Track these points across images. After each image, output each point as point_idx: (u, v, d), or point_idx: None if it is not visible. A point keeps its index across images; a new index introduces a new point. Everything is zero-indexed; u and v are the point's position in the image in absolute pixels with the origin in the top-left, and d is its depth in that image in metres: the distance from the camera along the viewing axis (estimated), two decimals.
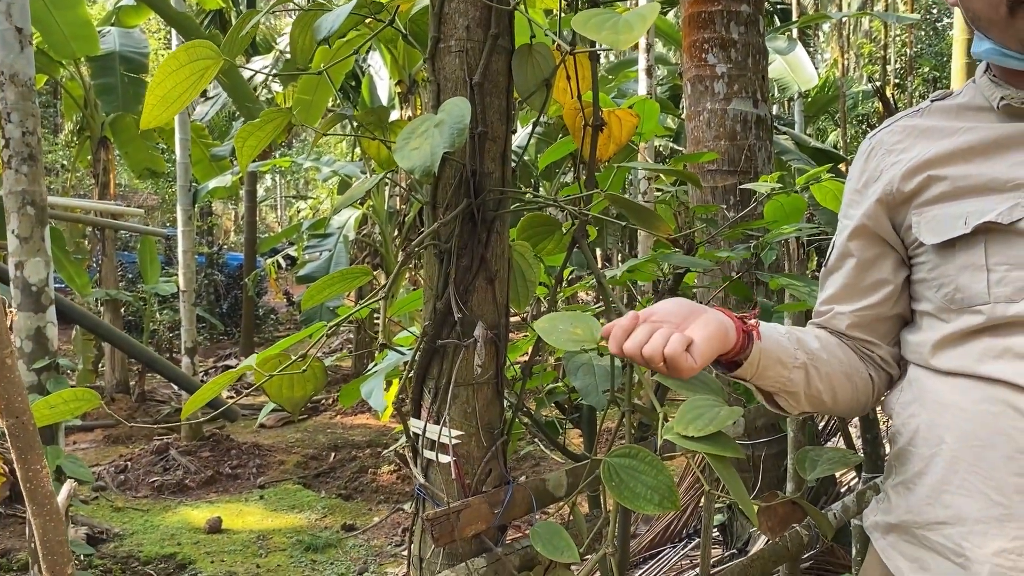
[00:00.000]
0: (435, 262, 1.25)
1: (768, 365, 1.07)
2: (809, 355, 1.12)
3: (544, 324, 1.06)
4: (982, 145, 1.06)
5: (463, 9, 1.22)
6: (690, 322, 1.00)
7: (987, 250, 1.01)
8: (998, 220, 1.00)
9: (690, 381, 1.05)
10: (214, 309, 12.39)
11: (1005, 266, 1.00)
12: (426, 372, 1.27)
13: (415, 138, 1.13)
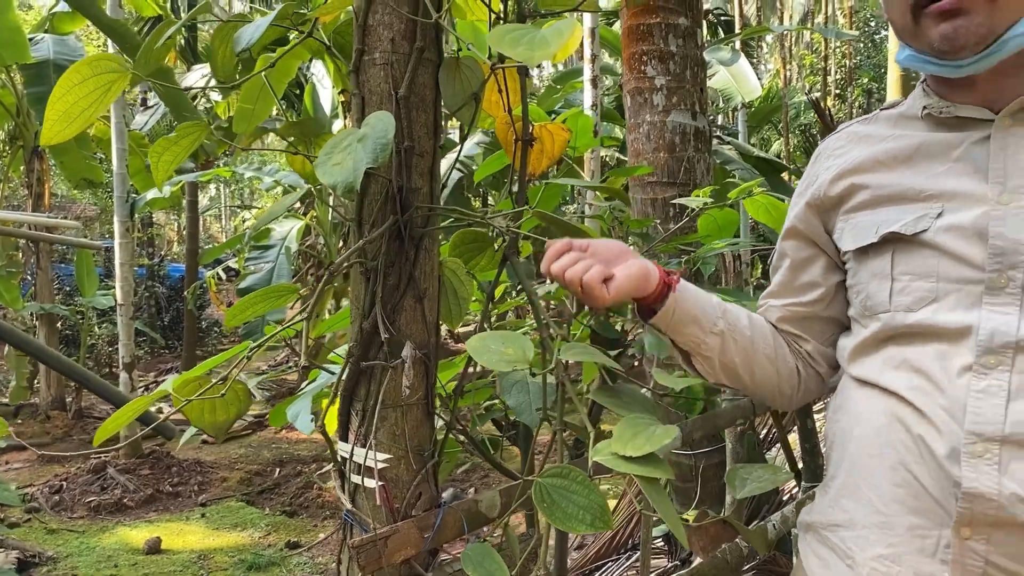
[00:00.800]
0: (361, 280, 1.22)
1: (684, 321, 1.12)
2: (730, 326, 1.16)
3: (475, 344, 1.04)
4: (903, 154, 1.08)
5: (388, 21, 1.19)
6: (618, 262, 1.06)
7: (893, 259, 1.03)
8: (902, 231, 1.02)
9: (624, 399, 1.04)
10: (155, 322, 12.12)
11: (908, 276, 1.02)
12: (353, 394, 1.23)
13: (337, 153, 1.09)
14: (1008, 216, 0.95)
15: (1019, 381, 0.92)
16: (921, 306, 1.00)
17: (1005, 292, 0.94)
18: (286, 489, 6.32)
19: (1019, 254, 0.94)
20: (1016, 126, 0.99)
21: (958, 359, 0.96)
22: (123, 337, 6.14)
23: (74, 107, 0.94)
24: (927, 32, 1.00)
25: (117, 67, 0.95)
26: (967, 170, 1.01)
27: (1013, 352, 0.92)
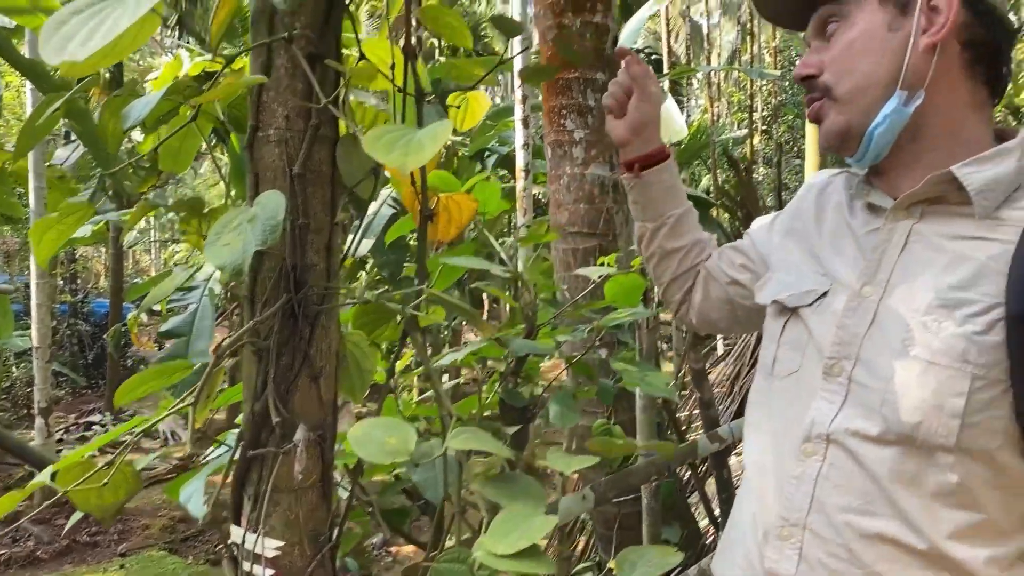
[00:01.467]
0: (253, 361, 1.19)
1: (652, 195, 1.34)
2: (690, 212, 1.38)
3: (358, 433, 1.02)
4: (832, 228, 1.13)
5: (282, 99, 1.17)
6: (633, 126, 1.33)
7: (785, 326, 1.08)
8: (786, 302, 1.07)
9: (511, 488, 1.03)
10: (78, 360, 11.70)
11: (787, 345, 1.07)
12: (245, 478, 1.19)
13: (227, 233, 1.07)
14: (860, 308, 0.99)
15: (827, 472, 0.95)
16: (787, 375, 1.05)
17: (836, 381, 0.98)
18: (211, 536, 6.13)
19: (853, 346, 0.97)
20: (907, 220, 1.01)
21: (788, 442, 1.01)
22: (39, 381, 5.91)
23: None
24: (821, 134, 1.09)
25: None
26: (857, 256, 1.05)
27: (826, 443, 0.96)
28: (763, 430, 1.07)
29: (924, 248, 0.98)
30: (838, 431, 0.95)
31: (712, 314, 1.35)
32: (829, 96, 1.05)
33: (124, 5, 0.70)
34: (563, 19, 2.88)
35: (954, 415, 0.88)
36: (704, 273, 1.36)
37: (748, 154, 16.01)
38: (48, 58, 0.66)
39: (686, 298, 1.39)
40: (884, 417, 0.91)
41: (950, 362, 0.89)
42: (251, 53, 1.18)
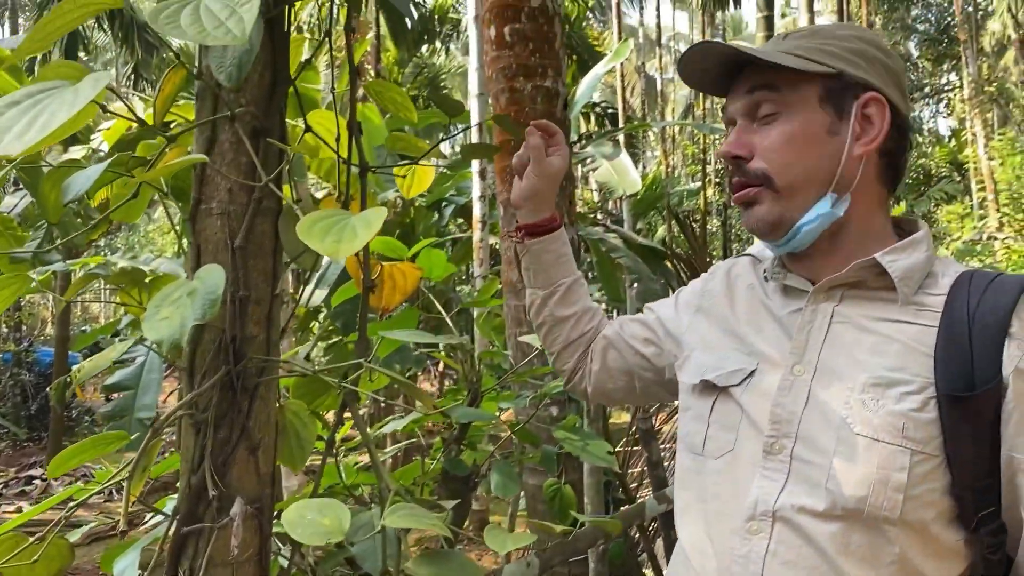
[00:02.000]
0: (191, 433, 1.18)
1: (556, 254, 1.36)
2: (580, 283, 1.40)
3: (292, 515, 1.02)
4: (749, 309, 1.17)
5: (226, 173, 1.18)
6: (525, 194, 1.36)
7: (713, 406, 1.10)
8: (716, 381, 1.09)
9: (446, 568, 1.04)
10: (20, 412, 11.36)
11: (718, 424, 1.09)
12: (181, 551, 1.18)
13: (166, 306, 1.07)
14: (794, 387, 1.02)
15: (775, 549, 0.96)
16: (721, 454, 1.06)
17: (777, 459, 1.00)
18: None
19: (792, 424, 1.00)
20: (827, 302, 1.06)
21: (730, 521, 1.01)
22: None
23: None
24: (743, 215, 1.10)
25: None
26: (781, 336, 1.08)
27: (771, 520, 0.98)
28: (698, 511, 1.06)
29: (849, 329, 1.03)
30: (784, 508, 0.97)
31: (608, 384, 1.36)
32: (768, 186, 1.06)
33: (61, 98, 0.71)
34: (515, 83, 2.95)
35: (898, 489, 0.92)
36: (603, 343, 1.37)
37: (702, 206, 16.32)
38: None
39: (579, 366, 1.40)
40: (829, 491, 0.94)
41: (891, 438, 0.93)
42: (197, 128, 1.20)
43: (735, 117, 1.11)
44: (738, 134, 1.09)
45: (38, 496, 8.48)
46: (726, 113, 1.14)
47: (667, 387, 1.32)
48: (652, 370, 1.31)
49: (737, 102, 1.11)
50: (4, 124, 0.71)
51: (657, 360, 1.30)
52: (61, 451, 1.30)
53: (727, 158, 1.09)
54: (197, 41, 0.83)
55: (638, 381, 1.34)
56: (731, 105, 1.12)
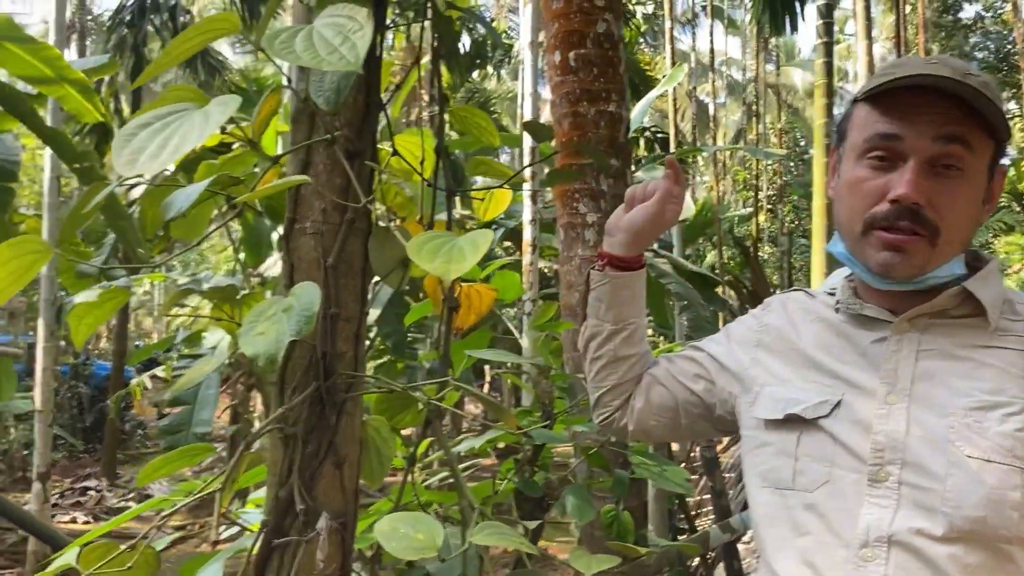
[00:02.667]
0: (280, 446, 1.21)
1: (633, 294, 1.31)
2: (643, 328, 1.34)
3: (386, 528, 1.03)
4: (821, 340, 1.16)
5: (320, 193, 1.22)
6: (635, 227, 1.29)
7: (799, 440, 1.08)
8: (803, 414, 1.07)
9: None
10: (76, 424, 11.62)
11: (808, 457, 1.07)
12: (266, 564, 1.20)
13: (262, 322, 1.10)
14: (892, 415, 1.02)
15: (894, 574, 0.96)
16: (817, 487, 1.05)
17: (884, 486, 0.99)
18: None
19: (897, 451, 1.00)
20: (912, 331, 1.07)
21: (838, 551, 1.00)
22: (39, 446, 5.87)
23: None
24: (868, 249, 1.06)
25: (39, 248, 0.95)
26: (866, 365, 1.08)
27: (887, 546, 0.97)
28: (794, 547, 1.05)
29: (938, 357, 1.04)
30: (900, 532, 0.97)
31: (651, 421, 1.34)
32: (931, 239, 1.03)
33: (191, 122, 0.74)
34: (578, 107, 2.96)
35: (1014, 507, 0.94)
36: (648, 380, 1.34)
37: (753, 232, 16.16)
38: (121, 170, 0.70)
39: (623, 406, 1.35)
40: (946, 515, 0.95)
41: (1002, 459, 0.95)
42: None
43: (910, 154, 1.03)
44: (917, 179, 1.02)
45: (92, 507, 8.65)
46: (893, 140, 1.04)
47: (715, 423, 1.31)
48: (701, 406, 1.30)
49: (922, 140, 1.02)
50: (138, 145, 0.74)
51: (707, 396, 1.29)
52: (148, 465, 1.34)
53: (906, 202, 1.02)
54: (312, 66, 0.86)
55: (684, 417, 1.32)
56: (912, 139, 1.03)
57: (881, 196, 1.04)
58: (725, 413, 1.27)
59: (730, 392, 1.25)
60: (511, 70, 20.63)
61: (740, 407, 1.22)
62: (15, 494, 8.61)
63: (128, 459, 11.24)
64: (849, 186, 1.09)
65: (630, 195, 1.32)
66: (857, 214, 1.07)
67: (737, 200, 22.34)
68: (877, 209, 1.04)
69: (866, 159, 1.07)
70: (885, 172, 1.05)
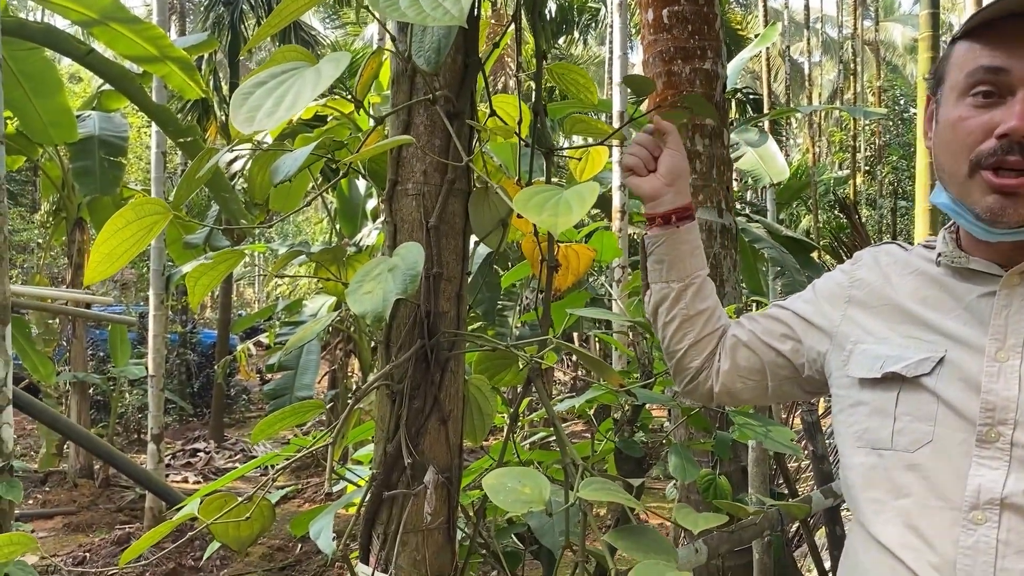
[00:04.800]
0: (387, 403, 1.24)
1: (688, 248, 1.31)
2: (708, 280, 1.34)
3: (492, 481, 1.04)
4: (919, 294, 1.11)
5: (420, 155, 1.23)
6: (659, 172, 1.29)
7: (898, 399, 1.05)
8: (904, 372, 1.03)
9: (642, 541, 1.04)
10: (185, 389, 12.19)
11: (908, 416, 1.03)
12: (375, 517, 1.24)
13: (368, 281, 1.12)
14: (1002, 373, 0.97)
15: (1007, 538, 0.92)
16: (918, 447, 1.01)
17: (995, 447, 0.95)
18: (307, 566, 6.25)
19: (1009, 411, 0.96)
20: (1021, 286, 1.01)
21: (947, 513, 0.97)
22: (153, 408, 6.19)
23: (117, 248, 0.98)
24: (975, 193, 1.01)
25: (159, 210, 1.00)
26: (971, 321, 1.03)
27: (1000, 508, 0.93)
28: (895, 508, 1.02)
29: None
30: (1014, 495, 0.93)
31: (737, 384, 1.30)
32: None
33: (304, 79, 0.76)
34: (672, 66, 2.91)
35: None
36: (733, 341, 1.30)
37: (851, 195, 15.61)
38: (240, 128, 0.73)
39: (706, 365, 1.32)
40: None
41: None
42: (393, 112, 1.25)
43: (1018, 86, 0.97)
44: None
45: (202, 468, 9.09)
46: (1000, 73, 0.98)
47: (804, 384, 1.27)
48: (789, 367, 1.26)
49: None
50: (254, 103, 0.76)
51: (795, 357, 1.24)
52: (261, 422, 1.39)
53: (1016, 135, 0.96)
54: (416, 21, 0.87)
55: (771, 380, 1.28)
56: (1019, 69, 0.96)
57: (988, 133, 0.98)
58: (814, 373, 1.23)
59: (819, 351, 1.21)
60: (598, 35, 20.34)
61: (831, 366, 1.19)
62: (131, 455, 9.12)
63: (234, 423, 11.75)
64: (951, 126, 1.03)
65: (634, 163, 1.31)
66: (961, 155, 1.01)
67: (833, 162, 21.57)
68: (984, 146, 0.98)
69: (969, 96, 1.01)
70: (990, 108, 0.99)
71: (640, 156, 1.30)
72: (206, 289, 1.22)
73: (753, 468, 2.15)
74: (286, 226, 20.42)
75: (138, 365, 8.26)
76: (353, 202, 6.12)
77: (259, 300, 27.21)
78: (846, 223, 10.10)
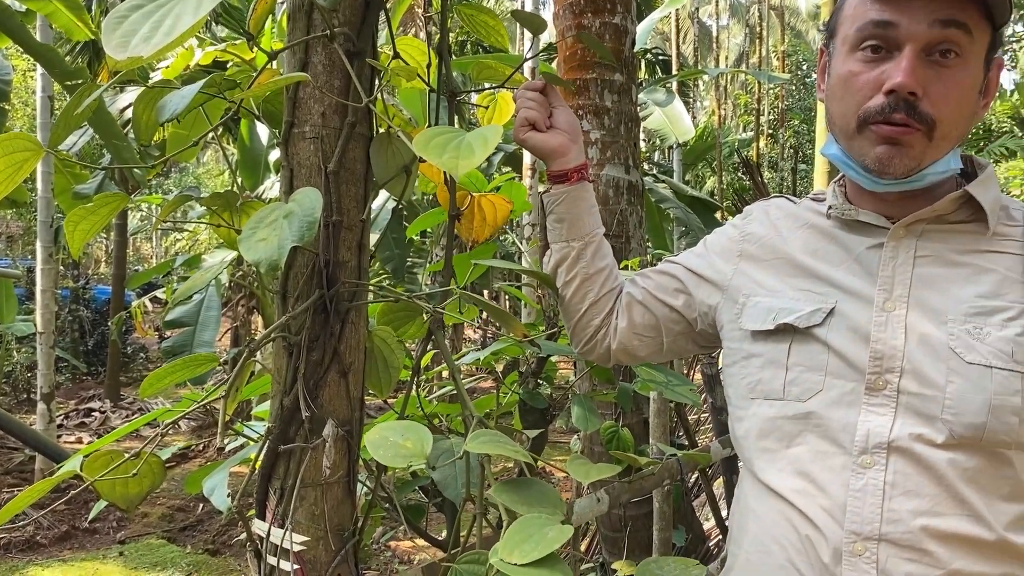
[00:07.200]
0: (284, 355, 1.19)
1: (584, 208, 1.30)
2: (603, 240, 1.33)
3: (374, 436, 1.02)
4: (810, 247, 1.13)
5: (319, 96, 1.17)
6: (555, 131, 1.29)
7: (790, 349, 1.07)
8: (796, 323, 1.05)
9: (529, 494, 1.03)
10: (78, 347, 11.69)
11: (800, 367, 1.06)
12: (271, 472, 1.20)
13: (263, 228, 1.07)
14: (890, 322, 1.00)
15: (893, 480, 0.96)
16: (810, 396, 1.04)
17: (882, 394, 0.99)
18: (209, 526, 6.13)
19: (895, 360, 0.99)
20: (908, 237, 1.05)
21: (838, 458, 1.00)
22: (42, 367, 5.92)
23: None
24: (864, 146, 1.03)
25: (30, 146, 0.92)
26: (860, 272, 1.06)
27: (887, 452, 0.97)
28: (787, 456, 1.04)
29: (936, 263, 1.03)
30: (900, 439, 0.96)
31: (635, 341, 1.31)
32: (927, 132, 0.99)
33: (185, 3, 0.70)
34: (583, 19, 2.88)
35: (1014, 412, 0.93)
36: (628, 299, 1.31)
37: (754, 157, 16.03)
38: (112, 54, 0.67)
39: (604, 324, 1.32)
40: (947, 422, 0.95)
41: (1004, 364, 0.94)
42: (288, 50, 1.19)
43: (905, 41, 0.98)
44: (914, 66, 0.97)
45: (97, 428, 8.77)
46: (888, 28, 0.99)
47: (697, 339, 1.30)
48: (682, 322, 1.28)
49: (918, 25, 0.97)
50: (129, 27, 0.70)
51: (687, 311, 1.26)
52: (151, 375, 1.33)
53: (903, 91, 0.97)
54: None
55: (666, 335, 1.30)
56: (908, 24, 0.98)
57: (876, 88, 1.00)
58: (707, 327, 1.25)
59: (710, 305, 1.23)
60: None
61: (722, 319, 1.21)
62: (20, 415, 8.72)
63: (131, 382, 11.34)
64: (842, 81, 1.05)
65: (534, 116, 1.28)
66: (851, 110, 1.03)
67: (738, 125, 22.08)
68: (872, 103, 1.01)
69: (859, 51, 1.02)
70: (879, 63, 1.00)
71: (538, 110, 1.28)
72: (86, 235, 1.15)
73: (654, 419, 2.20)
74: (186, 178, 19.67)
75: (26, 321, 7.86)
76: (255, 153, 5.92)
77: (157, 255, 26.24)
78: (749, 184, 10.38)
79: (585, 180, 1.31)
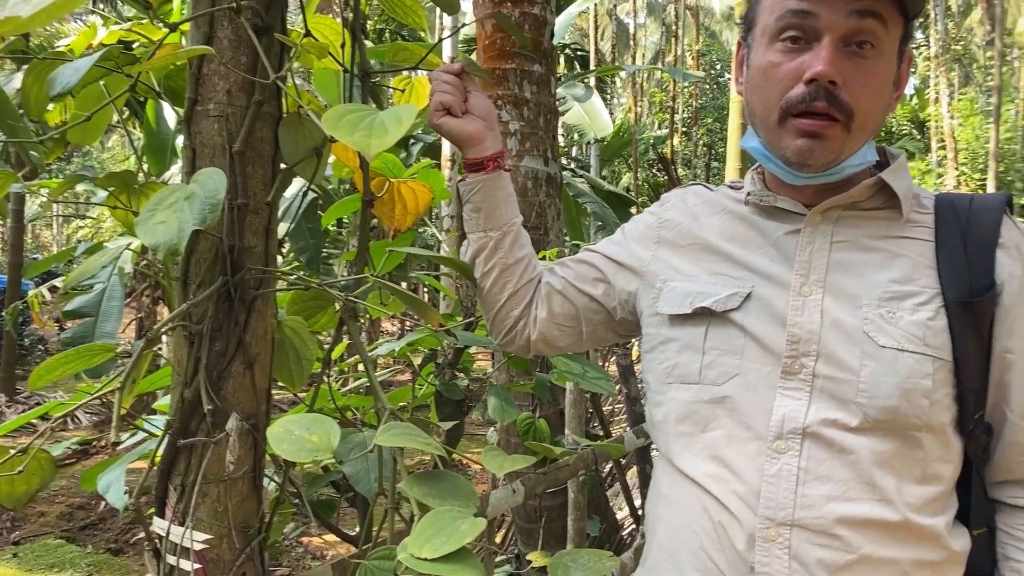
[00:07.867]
0: (184, 345, 1.13)
1: (501, 197, 1.28)
2: (522, 230, 1.31)
3: (277, 430, 0.98)
4: (727, 233, 1.15)
5: (224, 72, 1.12)
6: (471, 117, 1.25)
7: (707, 333, 1.07)
8: (713, 307, 1.06)
9: (441, 487, 1.01)
10: None
11: (716, 351, 1.06)
12: (171, 467, 1.14)
13: (162, 210, 1.01)
14: (806, 307, 1.02)
15: (807, 465, 0.97)
16: (726, 380, 1.04)
17: (798, 378, 1.00)
18: (111, 525, 5.89)
19: (811, 343, 1.00)
20: (824, 223, 1.06)
21: (750, 444, 1.00)
22: None
23: None
24: (784, 139, 1.03)
25: None
26: (778, 257, 1.07)
27: (801, 437, 0.98)
28: (702, 442, 1.04)
29: (852, 248, 1.05)
30: (814, 424, 0.97)
31: (554, 331, 1.30)
32: (846, 123, 1.00)
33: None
34: (502, 8, 2.86)
35: (925, 395, 0.96)
36: (547, 289, 1.30)
37: (669, 154, 16.33)
38: None
39: (524, 315, 1.31)
40: (860, 405, 0.96)
41: (915, 347, 0.96)
42: (192, 23, 1.12)
43: (824, 31, 0.98)
44: (833, 57, 0.98)
45: None
46: (807, 17, 0.99)
47: (616, 328, 1.30)
48: (602, 311, 1.27)
49: (836, 15, 0.98)
50: None
51: (607, 300, 1.26)
52: (42, 365, 1.24)
53: (823, 80, 0.98)
54: None
55: (586, 325, 1.29)
56: (827, 14, 0.98)
57: (796, 79, 1.01)
58: (627, 315, 1.25)
59: (629, 291, 1.23)
60: None
61: (641, 305, 1.21)
62: None
63: (28, 375, 10.81)
64: (762, 72, 1.05)
65: (450, 101, 1.25)
66: (772, 101, 1.03)
67: (654, 122, 22.46)
68: (793, 93, 1.01)
69: (778, 42, 1.03)
70: (799, 54, 1.01)
71: (453, 94, 1.25)
72: None
73: (570, 410, 2.20)
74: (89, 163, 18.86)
75: None
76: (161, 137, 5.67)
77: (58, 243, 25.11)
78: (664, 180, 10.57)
79: (502, 169, 1.29)
